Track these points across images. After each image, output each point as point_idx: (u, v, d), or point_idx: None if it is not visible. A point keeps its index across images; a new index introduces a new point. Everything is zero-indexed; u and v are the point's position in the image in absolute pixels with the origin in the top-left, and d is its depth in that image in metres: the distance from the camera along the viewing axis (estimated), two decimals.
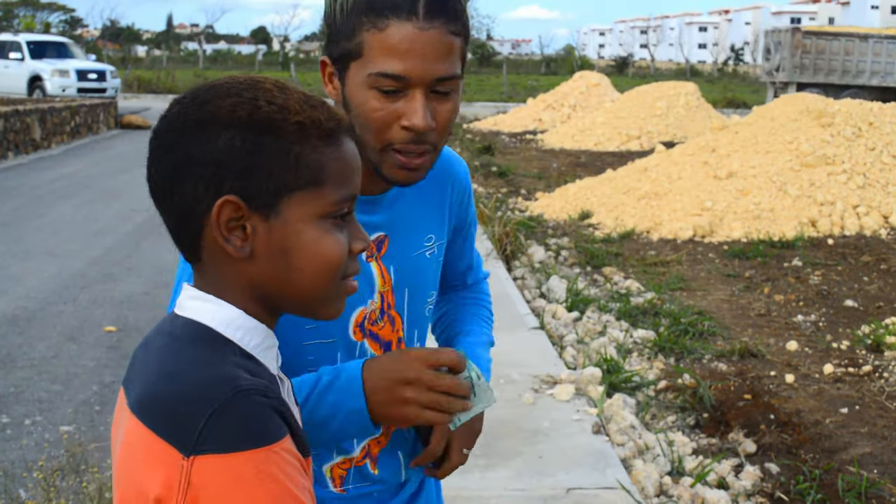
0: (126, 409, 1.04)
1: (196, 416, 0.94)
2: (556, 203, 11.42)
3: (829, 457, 4.33)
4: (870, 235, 9.16)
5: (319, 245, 1.05)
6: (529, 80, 46.83)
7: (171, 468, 0.94)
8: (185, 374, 0.99)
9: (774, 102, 11.93)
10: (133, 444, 1.00)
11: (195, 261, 1.08)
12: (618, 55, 70.19)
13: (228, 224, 1.02)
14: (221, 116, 1.02)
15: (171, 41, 72.74)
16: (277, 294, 1.07)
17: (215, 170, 1.02)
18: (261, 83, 1.06)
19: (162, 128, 1.06)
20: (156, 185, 1.06)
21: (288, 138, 1.03)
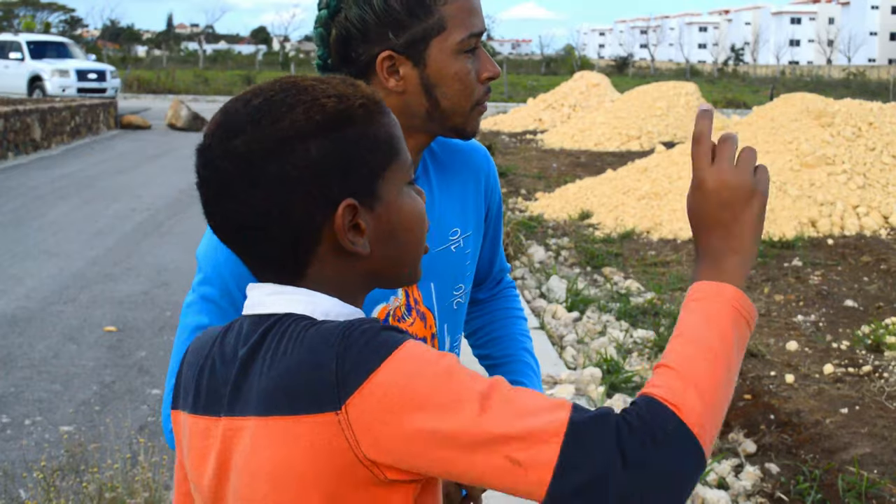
0: (235, 426, 1.01)
1: (326, 370, 0.94)
2: (556, 203, 11.42)
3: (829, 457, 4.33)
4: (870, 235, 9.16)
5: (413, 212, 1.06)
6: (529, 80, 46.84)
7: (329, 432, 0.94)
8: (297, 350, 0.97)
9: (774, 102, 11.93)
10: (272, 446, 0.97)
11: (296, 278, 1.04)
12: (618, 55, 70.22)
13: (351, 227, 1.02)
14: (302, 127, 1.00)
15: (171, 41, 72.76)
16: (386, 273, 1.08)
17: (318, 181, 1.00)
18: (298, 82, 1.04)
19: (230, 165, 1.01)
20: (246, 223, 1.01)
21: (360, 123, 1.03)
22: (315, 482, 0.95)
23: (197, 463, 1.06)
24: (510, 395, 0.93)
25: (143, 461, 3.42)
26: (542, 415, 0.91)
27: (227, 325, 1.09)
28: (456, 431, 0.91)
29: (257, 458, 0.98)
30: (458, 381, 0.93)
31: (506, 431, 0.91)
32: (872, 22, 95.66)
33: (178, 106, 22.72)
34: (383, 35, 1.36)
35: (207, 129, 1.06)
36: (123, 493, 3.25)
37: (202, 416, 1.05)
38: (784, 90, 36.46)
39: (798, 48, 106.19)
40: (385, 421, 0.92)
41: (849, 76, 54.86)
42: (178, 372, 1.14)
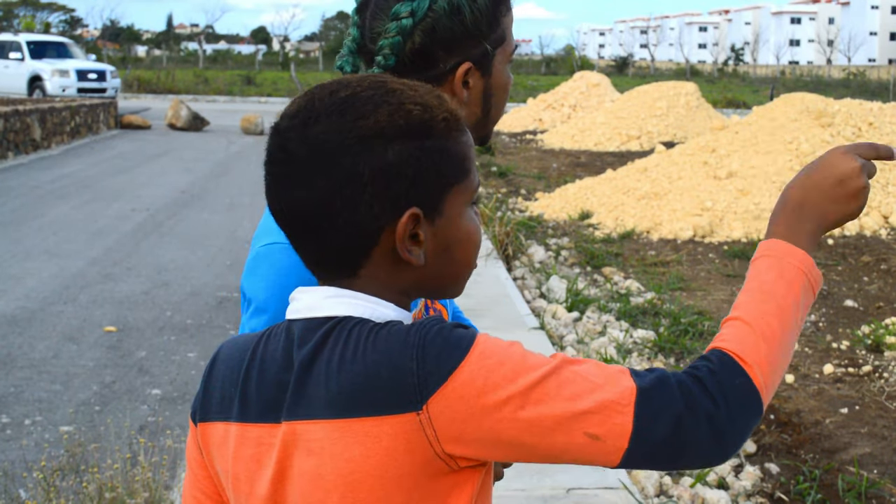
0: (298, 430, 1.00)
1: (406, 372, 0.95)
2: (556, 203, 11.42)
3: (829, 457, 4.33)
4: (870, 235, 9.16)
5: (471, 232, 1.07)
6: (529, 81, 46.83)
7: (408, 431, 0.95)
8: (371, 351, 0.98)
9: (774, 102, 11.93)
10: (348, 448, 0.97)
11: (348, 275, 1.04)
12: (618, 55, 70.24)
13: (410, 237, 1.02)
14: (384, 128, 1.00)
15: (171, 41, 72.74)
16: (432, 286, 1.08)
17: (389, 184, 1.00)
18: (387, 83, 1.04)
19: (306, 151, 1.01)
20: (310, 212, 1.01)
21: (440, 136, 1.03)
22: (393, 480, 0.97)
23: (249, 472, 1.04)
24: (577, 370, 0.97)
25: (143, 461, 3.42)
26: (609, 386, 0.96)
27: (262, 333, 1.08)
28: (536, 417, 0.95)
29: (331, 460, 0.98)
30: (531, 366, 0.96)
31: (581, 408, 0.94)
32: (872, 22, 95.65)
33: (178, 106, 22.72)
34: (467, 46, 1.39)
35: (287, 110, 1.05)
36: (123, 493, 3.25)
37: (255, 423, 1.04)
38: (784, 90, 36.47)
39: (798, 48, 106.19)
40: (468, 417, 0.95)
41: (849, 76, 54.86)
42: (205, 386, 1.11)
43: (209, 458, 1.10)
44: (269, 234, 1.29)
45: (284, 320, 1.08)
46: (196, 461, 1.12)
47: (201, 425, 1.10)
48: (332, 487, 0.99)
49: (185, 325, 6.49)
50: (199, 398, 1.11)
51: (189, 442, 1.14)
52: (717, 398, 0.96)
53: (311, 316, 1.03)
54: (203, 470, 1.12)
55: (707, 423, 0.96)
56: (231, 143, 19.76)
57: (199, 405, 1.11)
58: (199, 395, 1.12)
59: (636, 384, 0.96)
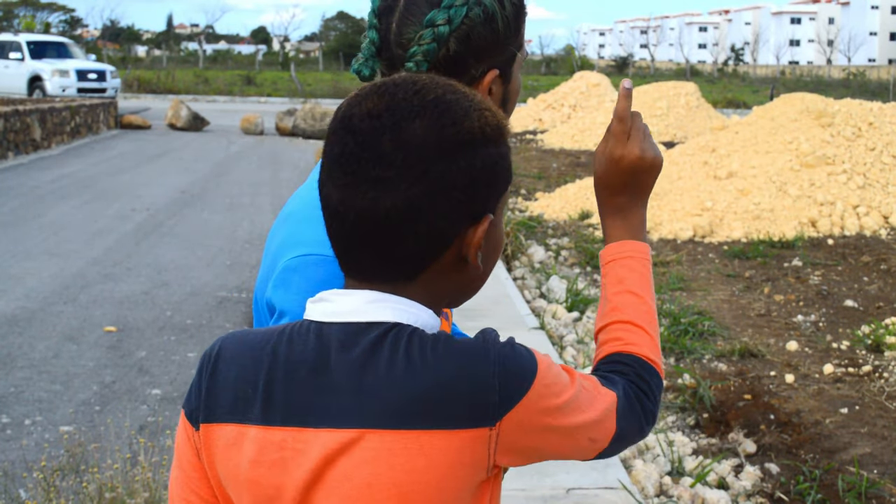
0: (346, 438, 0.98)
1: (488, 389, 0.96)
2: (556, 203, 11.42)
3: (829, 457, 4.33)
4: (870, 235, 9.16)
5: (502, 235, 1.09)
6: (529, 81, 46.83)
7: (476, 446, 0.97)
8: (443, 364, 0.97)
9: (774, 102, 11.93)
10: (408, 458, 0.96)
11: (404, 280, 1.02)
12: (618, 55, 70.26)
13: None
14: (476, 135, 1.00)
15: (171, 41, 72.73)
16: (466, 291, 1.09)
17: (469, 190, 1.00)
18: (454, 85, 1.04)
19: (400, 154, 0.98)
20: (391, 215, 0.98)
21: (503, 143, 1.04)
22: (449, 492, 0.98)
23: (272, 476, 1.01)
24: (583, 384, 1.06)
25: (143, 461, 3.42)
26: (601, 398, 1.07)
27: (277, 332, 1.04)
28: (566, 428, 1.03)
29: (389, 470, 0.97)
30: (565, 382, 1.03)
31: (590, 419, 1.05)
32: (872, 22, 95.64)
33: (178, 106, 22.72)
34: (495, 54, 1.40)
35: (361, 108, 1.01)
36: (123, 493, 3.25)
37: (281, 427, 1.00)
38: (784, 90, 36.47)
39: (798, 48, 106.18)
40: (528, 431, 1.00)
41: (849, 76, 54.85)
42: (208, 385, 1.06)
43: (210, 460, 1.05)
44: (300, 246, 1.25)
45: (302, 320, 1.04)
46: (190, 463, 1.08)
47: (204, 427, 1.05)
48: (382, 497, 0.97)
49: (185, 325, 6.49)
50: (199, 398, 1.06)
51: (181, 442, 1.09)
52: (651, 395, 1.15)
53: (350, 320, 1.00)
54: (198, 472, 1.07)
55: (649, 417, 1.14)
56: (231, 143, 19.76)
57: (202, 405, 1.05)
58: (198, 394, 1.06)
59: (615, 394, 1.09)
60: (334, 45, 66.08)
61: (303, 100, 33.65)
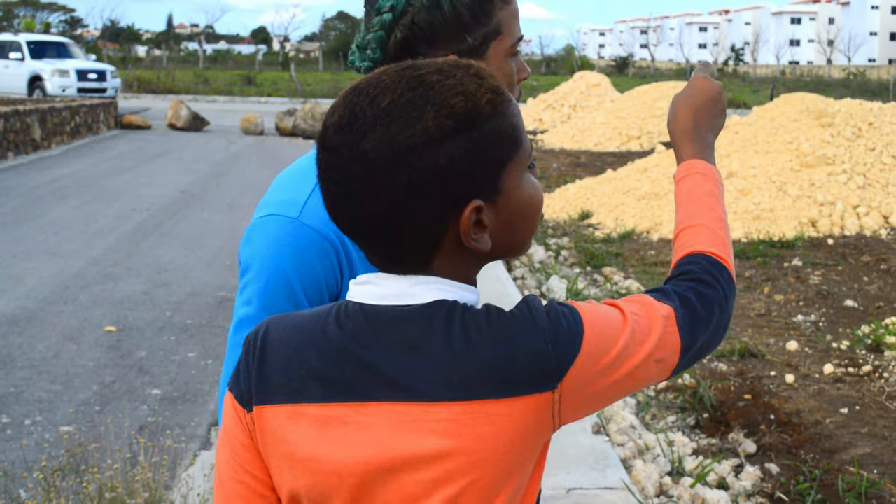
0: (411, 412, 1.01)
1: (544, 354, 1.00)
2: (556, 203, 11.42)
3: (829, 457, 4.33)
4: (870, 235, 9.16)
5: (531, 198, 1.09)
6: (529, 80, 46.81)
7: (541, 410, 1.01)
8: (499, 336, 1.00)
9: (774, 102, 11.93)
10: (477, 429, 1.00)
11: (422, 268, 1.06)
12: (618, 55, 70.24)
13: (474, 225, 1.04)
14: (433, 133, 1.00)
15: (171, 41, 72.73)
16: (501, 255, 1.10)
17: (445, 184, 1.01)
18: (423, 78, 1.03)
19: (360, 169, 1.01)
20: (374, 223, 1.03)
21: (487, 121, 1.03)
22: (517, 456, 1.02)
23: (331, 451, 1.04)
24: (636, 312, 1.08)
25: (143, 461, 3.42)
26: (657, 319, 1.09)
27: (323, 313, 1.07)
28: (630, 367, 1.06)
29: (457, 439, 1.00)
30: (616, 324, 1.06)
31: (651, 346, 1.07)
32: (872, 22, 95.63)
33: (179, 106, 22.72)
34: (450, 39, 1.39)
35: (331, 121, 1.05)
36: (123, 493, 3.25)
37: (340, 403, 1.04)
38: (784, 90, 36.46)
39: (798, 48, 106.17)
40: (589, 384, 1.03)
41: (849, 76, 54.85)
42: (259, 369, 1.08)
43: (264, 441, 1.08)
44: (267, 207, 1.35)
45: (346, 301, 1.08)
46: (242, 444, 1.10)
47: (258, 409, 1.07)
48: (451, 467, 1.00)
49: (185, 325, 6.49)
50: (248, 381, 1.09)
51: (231, 424, 1.11)
52: (719, 288, 1.17)
53: (400, 304, 1.04)
54: (250, 452, 1.10)
55: (720, 315, 1.16)
56: (231, 143, 19.76)
57: (253, 388, 1.08)
58: (247, 377, 1.09)
59: (671, 307, 1.11)
60: (334, 45, 66.09)
61: (303, 100, 33.65)
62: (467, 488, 1.01)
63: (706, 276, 1.18)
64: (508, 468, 1.02)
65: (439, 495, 1.01)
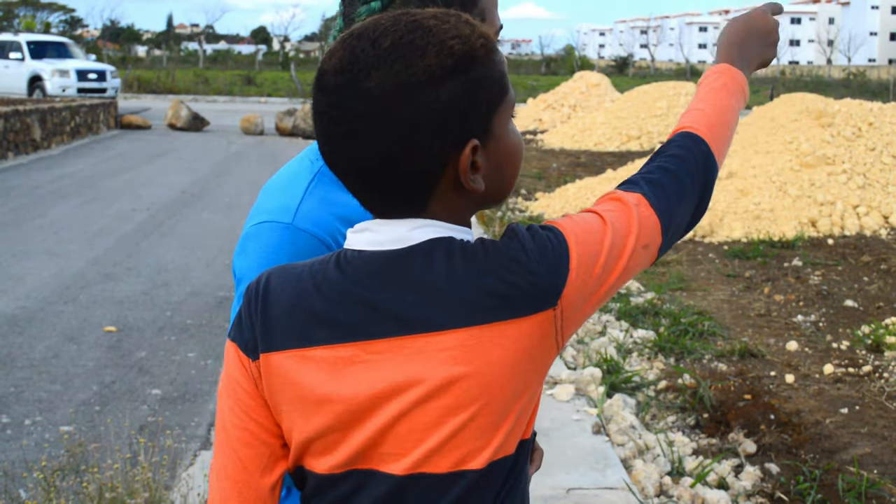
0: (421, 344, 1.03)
1: (539, 273, 1.04)
2: (556, 203, 11.42)
3: (829, 457, 4.33)
4: (870, 235, 9.16)
5: (517, 145, 1.13)
6: (529, 80, 46.83)
7: (544, 327, 1.05)
8: (495, 264, 1.04)
9: (774, 102, 11.93)
10: (484, 352, 1.03)
11: (417, 211, 1.08)
12: (618, 55, 70.24)
13: (470, 166, 1.06)
14: (434, 71, 1.03)
15: (171, 41, 72.73)
16: (490, 201, 1.13)
17: (445, 122, 1.03)
18: (421, 22, 1.06)
19: (362, 106, 1.03)
20: (372, 163, 1.04)
21: (481, 63, 1.06)
22: (525, 374, 1.05)
23: (345, 388, 1.06)
24: (610, 210, 1.13)
25: (143, 461, 3.43)
26: (629, 208, 1.13)
27: (323, 261, 1.10)
28: (621, 267, 1.10)
29: (468, 364, 1.03)
30: (598, 227, 1.10)
31: (635, 235, 1.12)
32: (872, 22, 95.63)
33: (179, 106, 22.72)
34: None
35: (329, 65, 1.07)
36: (123, 493, 3.25)
37: (348, 343, 1.06)
38: (784, 90, 36.44)
39: (798, 48, 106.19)
40: (588, 295, 1.08)
41: (849, 76, 54.84)
42: (262, 317, 1.10)
43: (271, 388, 1.09)
44: (260, 214, 1.34)
45: (345, 249, 1.09)
46: (248, 392, 1.11)
47: (264, 356, 1.09)
48: (461, 390, 1.03)
49: (185, 325, 6.49)
50: (252, 330, 1.10)
51: (236, 374, 1.12)
52: (694, 163, 1.21)
53: (399, 247, 1.06)
54: (256, 400, 1.11)
55: (693, 184, 1.21)
56: (231, 143, 19.76)
57: (258, 337, 1.09)
58: (251, 327, 1.10)
59: (638, 193, 1.15)
60: None
61: (303, 100, 33.65)
62: (478, 413, 1.04)
63: (677, 149, 1.22)
64: (516, 390, 1.05)
65: (452, 422, 1.04)
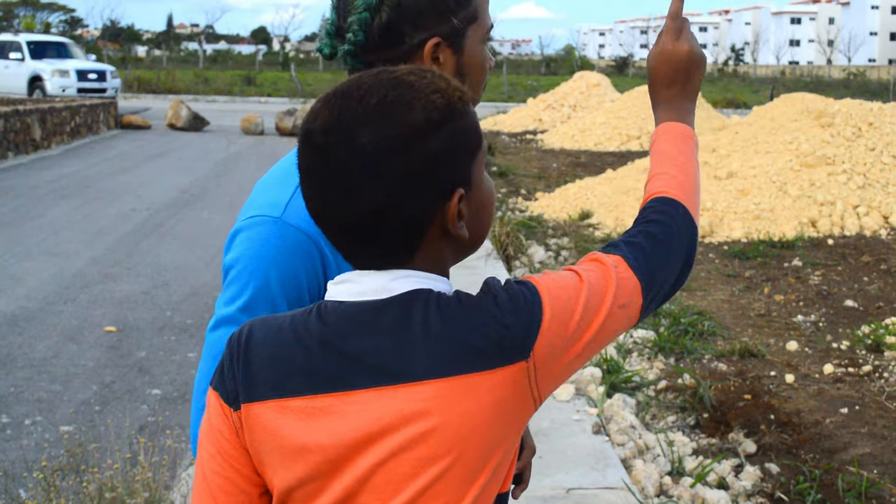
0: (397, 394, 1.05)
1: (512, 325, 1.06)
2: (556, 203, 11.42)
3: (829, 457, 4.33)
4: (870, 235, 9.16)
5: (491, 191, 1.16)
6: (529, 81, 46.84)
7: (517, 379, 1.06)
8: (469, 316, 1.06)
9: (774, 102, 11.93)
10: (460, 403, 1.04)
11: (404, 260, 1.09)
12: (618, 55, 70.23)
13: (456, 214, 1.09)
14: (421, 126, 1.06)
15: (171, 41, 72.73)
16: (469, 249, 1.15)
17: (434, 173, 1.07)
18: (402, 79, 1.09)
19: (357, 162, 1.05)
20: (364, 216, 1.07)
21: (461, 115, 1.10)
22: (500, 427, 1.07)
23: (322, 439, 1.07)
24: (589, 270, 1.15)
25: (143, 461, 3.42)
26: (608, 270, 1.15)
27: (301, 314, 1.11)
28: (601, 320, 1.12)
29: (442, 414, 1.04)
30: (573, 284, 1.12)
31: (612, 294, 1.14)
32: (872, 22, 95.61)
33: (179, 106, 22.72)
34: (434, 21, 1.40)
35: (315, 125, 1.09)
36: (123, 493, 3.25)
37: (326, 394, 1.07)
38: (784, 90, 36.46)
39: (798, 48, 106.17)
40: (562, 350, 1.09)
41: (849, 76, 54.84)
42: (244, 368, 1.11)
43: (252, 437, 1.11)
44: (250, 209, 1.36)
45: (325, 301, 1.11)
46: (230, 441, 1.13)
47: (246, 406, 1.10)
48: (439, 442, 1.05)
49: (185, 325, 6.49)
50: (234, 380, 1.12)
51: (219, 423, 1.13)
52: (673, 224, 1.23)
53: (380, 297, 1.08)
54: (237, 449, 1.13)
55: (678, 248, 1.23)
56: (231, 143, 19.75)
57: (240, 387, 1.11)
58: (232, 377, 1.12)
59: (617, 255, 1.17)
60: None
61: (303, 100, 33.65)
62: (453, 464, 1.05)
63: (656, 215, 1.24)
64: (490, 444, 1.07)
65: (427, 474, 1.05)
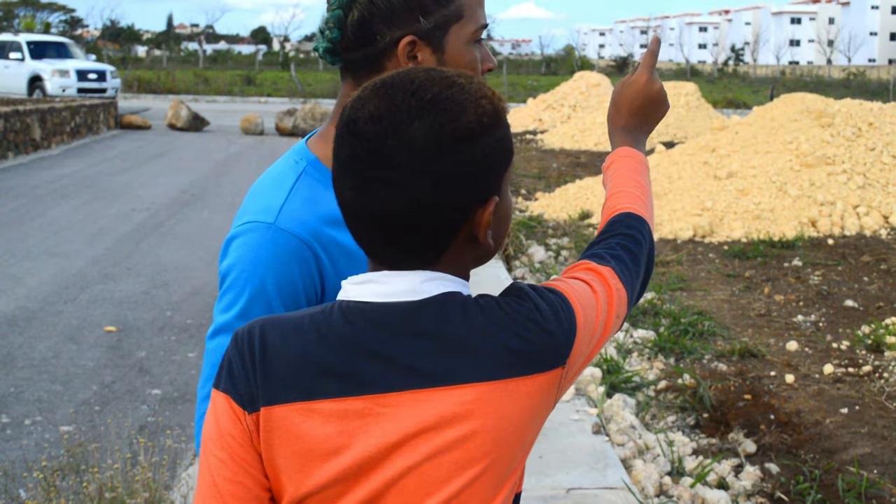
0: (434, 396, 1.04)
1: (555, 332, 1.09)
2: (556, 203, 11.42)
3: (829, 457, 4.33)
4: (870, 235, 9.15)
5: (511, 204, 1.17)
6: (529, 81, 46.84)
7: (551, 384, 1.10)
8: (512, 321, 1.07)
9: (774, 102, 11.93)
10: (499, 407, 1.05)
11: (431, 262, 1.09)
12: (618, 55, 70.23)
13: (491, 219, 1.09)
14: (473, 127, 1.05)
15: (171, 41, 72.73)
16: (485, 258, 1.16)
17: (472, 179, 1.06)
18: (454, 80, 1.08)
19: (405, 155, 1.04)
20: (404, 211, 1.05)
21: (505, 124, 1.11)
22: (532, 430, 1.09)
23: (354, 442, 1.05)
24: (594, 280, 1.20)
25: (143, 461, 3.42)
26: (607, 280, 1.22)
27: (317, 312, 1.09)
28: (608, 333, 1.19)
29: (484, 418, 1.04)
30: (588, 293, 1.17)
31: (615, 307, 1.20)
32: (872, 22, 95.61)
33: (178, 106, 22.71)
34: (408, 19, 1.38)
35: (363, 113, 1.06)
36: (123, 493, 3.25)
37: (358, 396, 1.05)
38: (784, 90, 36.47)
39: (798, 48, 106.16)
40: (585, 354, 1.14)
41: (849, 76, 54.83)
42: (262, 370, 1.08)
43: (269, 442, 1.07)
44: (244, 216, 1.35)
45: (346, 300, 1.09)
46: (242, 446, 1.09)
47: (265, 409, 1.07)
48: (476, 445, 1.04)
49: (185, 325, 6.49)
50: (249, 382, 1.08)
51: (229, 426, 1.09)
52: (643, 240, 1.31)
53: (410, 299, 1.07)
54: (250, 454, 1.09)
55: (647, 261, 1.32)
56: (231, 143, 19.75)
57: (260, 390, 1.07)
58: (246, 379, 1.08)
59: (609, 267, 1.24)
60: None
61: (303, 100, 33.65)
62: (487, 468, 1.05)
63: (628, 230, 1.31)
64: (522, 448, 1.08)
65: (462, 477, 1.04)
